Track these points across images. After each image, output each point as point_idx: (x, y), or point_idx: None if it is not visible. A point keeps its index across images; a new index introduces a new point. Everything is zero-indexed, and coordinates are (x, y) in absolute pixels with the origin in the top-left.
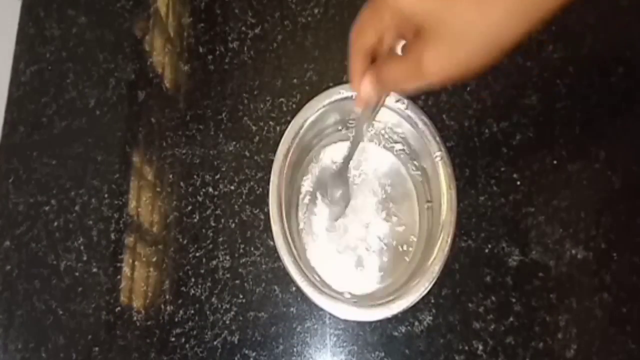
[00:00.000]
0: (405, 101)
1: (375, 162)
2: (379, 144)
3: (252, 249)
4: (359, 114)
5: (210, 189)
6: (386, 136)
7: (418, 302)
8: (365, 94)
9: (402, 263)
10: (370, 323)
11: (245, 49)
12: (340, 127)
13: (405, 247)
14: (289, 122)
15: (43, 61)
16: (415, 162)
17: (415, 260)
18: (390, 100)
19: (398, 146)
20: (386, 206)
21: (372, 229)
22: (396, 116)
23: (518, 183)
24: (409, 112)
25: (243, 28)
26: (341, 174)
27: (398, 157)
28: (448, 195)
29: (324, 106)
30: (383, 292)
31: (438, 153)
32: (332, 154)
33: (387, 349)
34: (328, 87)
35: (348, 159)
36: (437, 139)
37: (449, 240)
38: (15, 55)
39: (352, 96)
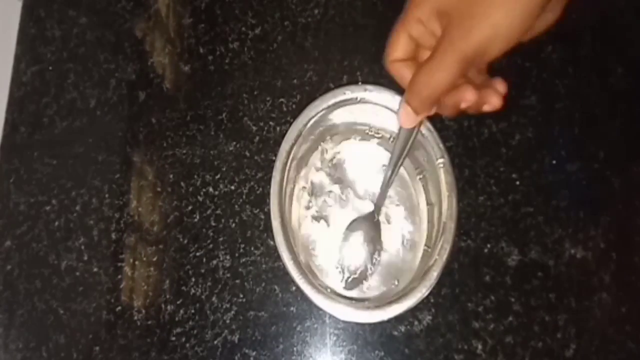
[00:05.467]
0: None
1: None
2: (382, 147)
3: (252, 248)
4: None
5: (211, 189)
6: (390, 141)
7: None
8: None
9: (400, 267)
10: (369, 323)
11: (246, 49)
12: (344, 128)
13: (404, 252)
14: (290, 122)
15: (44, 61)
16: (417, 168)
17: (414, 266)
18: (394, 105)
19: None
20: (386, 210)
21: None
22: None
23: (517, 183)
24: None
25: (243, 29)
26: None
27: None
28: (448, 202)
29: (329, 106)
30: (381, 295)
31: (441, 160)
32: (334, 154)
33: (387, 348)
34: (328, 88)
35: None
36: (441, 146)
37: (448, 248)
38: (16, 55)
39: (357, 98)
